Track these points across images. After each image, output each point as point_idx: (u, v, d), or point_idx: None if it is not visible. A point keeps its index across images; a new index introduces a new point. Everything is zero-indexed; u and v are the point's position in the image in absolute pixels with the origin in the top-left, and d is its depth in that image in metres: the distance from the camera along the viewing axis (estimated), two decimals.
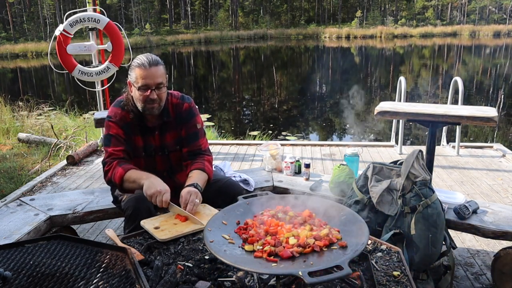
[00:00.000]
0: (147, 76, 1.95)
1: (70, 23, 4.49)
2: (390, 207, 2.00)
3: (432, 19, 49.34)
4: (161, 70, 1.99)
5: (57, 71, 4.95)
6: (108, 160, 2.02)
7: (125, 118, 2.07)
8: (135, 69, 1.97)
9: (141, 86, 1.96)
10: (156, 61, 1.98)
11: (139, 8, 53.78)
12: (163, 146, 2.14)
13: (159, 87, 1.98)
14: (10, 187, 4.11)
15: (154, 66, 1.96)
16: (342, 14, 56.88)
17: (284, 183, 2.68)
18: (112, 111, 2.10)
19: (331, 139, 8.13)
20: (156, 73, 1.96)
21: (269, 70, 22.07)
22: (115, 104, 2.13)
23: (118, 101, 2.13)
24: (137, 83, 1.97)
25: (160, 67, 1.98)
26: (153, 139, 2.12)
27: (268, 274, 1.36)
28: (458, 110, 2.74)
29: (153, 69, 1.95)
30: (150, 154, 2.14)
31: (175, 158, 2.19)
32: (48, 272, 1.16)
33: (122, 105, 2.09)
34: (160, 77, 1.97)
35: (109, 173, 2.00)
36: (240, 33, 49.93)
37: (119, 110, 2.08)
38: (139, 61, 1.97)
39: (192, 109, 2.19)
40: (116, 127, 2.06)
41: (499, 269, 2.22)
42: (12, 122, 7.12)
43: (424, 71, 18.81)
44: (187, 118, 2.16)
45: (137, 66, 1.97)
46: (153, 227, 1.71)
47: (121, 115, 2.07)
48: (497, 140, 7.12)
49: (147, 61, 1.95)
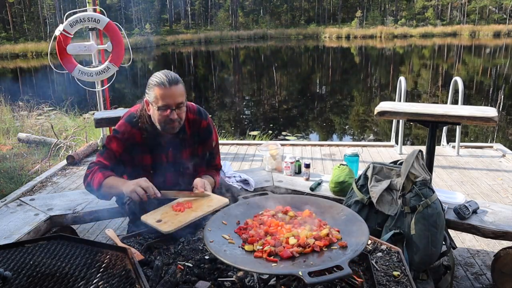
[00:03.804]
0: (168, 96, 1.85)
1: (70, 23, 4.49)
2: (390, 207, 2.00)
3: (432, 19, 49.32)
4: (181, 88, 1.90)
5: (57, 71, 4.95)
6: (91, 165, 1.99)
7: (134, 137, 1.98)
8: (154, 88, 1.87)
9: (161, 106, 1.86)
10: (176, 79, 1.88)
11: (139, 8, 53.74)
12: (177, 163, 2.05)
13: (179, 107, 1.89)
14: (10, 187, 4.11)
15: (174, 85, 1.86)
16: (342, 14, 56.86)
17: (284, 183, 2.68)
18: (122, 126, 2.00)
19: (331, 139, 8.13)
20: (176, 92, 1.86)
21: (269, 70, 22.07)
22: (127, 119, 2.01)
23: (131, 116, 2.01)
24: (157, 103, 1.87)
25: (180, 85, 1.89)
26: (165, 156, 2.04)
27: (268, 274, 1.36)
28: (458, 110, 2.74)
29: (174, 88, 1.86)
30: (160, 171, 2.03)
31: (188, 174, 2.09)
32: (48, 272, 1.16)
33: (134, 122, 1.98)
34: (180, 96, 1.88)
35: (89, 177, 1.95)
36: (240, 33, 49.92)
37: (129, 128, 1.98)
38: (158, 79, 1.86)
39: (209, 127, 2.11)
40: (119, 145, 1.98)
41: (499, 269, 2.22)
42: (12, 122, 7.12)
43: (424, 71, 18.81)
44: (205, 137, 2.10)
45: (156, 85, 1.86)
46: (155, 221, 1.66)
47: (130, 133, 1.98)
48: (497, 140, 7.12)
49: (167, 79, 1.85)
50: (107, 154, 1.99)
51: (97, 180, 1.91)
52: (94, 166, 1.97)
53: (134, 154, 2.00)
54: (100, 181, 1.91)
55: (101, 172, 1.93)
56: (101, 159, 1.99)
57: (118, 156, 1.99)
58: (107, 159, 1.99)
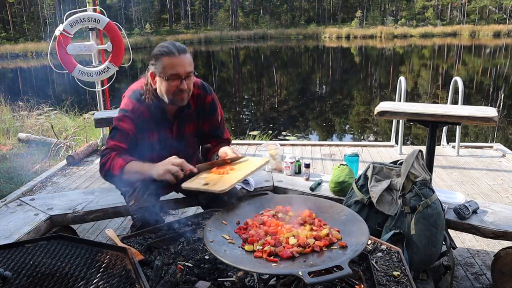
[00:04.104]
0: (177, 65, 1.77)
1: (70, 23, 4.49)
2: (390, 207, 2.00)
3: (432, 19, 49.32)
4: (190, 58, 1.82)
5: (57, 71, 4.95)
6: (107, 152, 1.84)
7: (143, 114, 1.87)
8: (161, 58, 1.77)
9: (170, 76, 1.78)
10: (184, 48, 1.80)
11: (139, 8, 53.77)
12: (180, 138, 1.99)
13: (188, 76, 1.82)
14: (10, 187, 4.11)
15: (183, 53, 1.78)
16: (342, 14, 56.87)
17: (284, 183, 2.68)
18: (129, 104, 1.88)
19: (331, 139, 8.13)
20: (185, 61, 1.79)
21: (269, 70, 22.07)
22: (132, 96, 1.90)
23: (135, 93, 1.91)
24: (165, 73, 1.78)
25: (188, 55, 1.81)
26: (170, 131, 1.96)
27: (268, 274, 1.36)
28: (458, 110, 2.74)
29: (183, 57, 1.78)
30: (165, 147, 1.94)
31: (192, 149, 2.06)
32: (48, 272, 1.16)
33: (142, 99, 1.87)
34: (189, 65, 1.81)
35: (107, 164, 1.80)
36: (240, 33, 49.93)
37: (137, 105, 1.87)
38: (165, 49, 1.77)
39: (214, 102, 2.04)
40: (129, 123, 1.85)
41: (499, 269, 2.22)
42: (12, 122, 7.12)
43: (424, 71, 18.81)
44: (210, 112, 2.03)
45: (163, 54, 1.77)
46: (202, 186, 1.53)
47: (139, 110, 1.87)
48: (497, 140, 7.12)
49: (175, 48, 1.77)
50: (120, 136, 1.85)
51: (117, 166, 1.78)
52: (110, 152, 1.82)
53: (143, 132, 1.89)
54: (122, 166, 1.77)
55: (121, 158, 1.79)
56: (116, 142, 1.85)
57: (132, 135, 1.86)
58: (122, 141, 1.85)
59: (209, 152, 2.16)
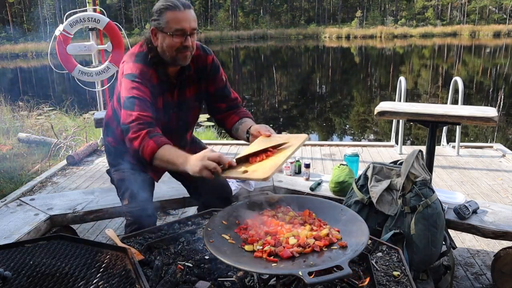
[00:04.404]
0: (182, 20, 1.67)
1: (70, 23, 4.49)
2: (390, 207, 2.00)
3: (432, 19, 49.33)
4: (194, 14, 1.73)
5: (57, 71, 4.95)
6: (135, 125, 1.60)
7: (152, 78, 1.74)
8: (165, 12, 1.67)
9: (175, 32, 1.67)
10: (189, 4, 1.71)
11: (139, 8, 53.77)
12: (181, 102, 1.87)
13: (193, 33, 1.72)
14: (10, 187, 4.11)
15: (188, 8, 1.69)
16: (342, 14, 56.88)
17: (284, 183, 2.68)
18: (136, 68, 1.72)
19: (331, 139, 8.13)
20: (190, 16, 1.70)
21: (269, 70, 22.08)
22: (137, 59, 1.74)
23: (138, 56, 1.76)
24: (170, 28, 1.67)
25: (192, 10, 1.72)
26: (171, 95, 1.84)
27: (268, 274, 1.36)
28: (458, 110, 2.74)
29: (188, 12, 1.69)
30: (167, 112, 1.84)
31: (191, 115, 1.94)
32: (48, 272, 1.16)
33: (149, 62, 1.73)
34: (194, 21, 1.71)
35: (136, 143, 1.60)
36: (240, 33, 49.93)
37: (145, 68, 1.72)
38: (170, 3, 1.67)
39: (215, 62, 1.94)
40: (143, 88, 1.68)
41: (499, 269, 2.22)
42: (12, 122, 7.12)
43: (424, 71, 18.81)
44: (213, 73, 1.93)
45: (168, 9, 1.67)
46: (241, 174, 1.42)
47: (148, 74, 1.72)
48: (497, 140, 7.12)
49: (179, 3, 1.67)
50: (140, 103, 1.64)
51: (149, 150, 1.57)
52: (140, 129, 1.59)
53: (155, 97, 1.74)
54: (154, 151, 1.57)
55: (152, 140, 1.57)
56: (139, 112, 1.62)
57: (150, 101, 1.68)
58: (144, 109, 1.63)
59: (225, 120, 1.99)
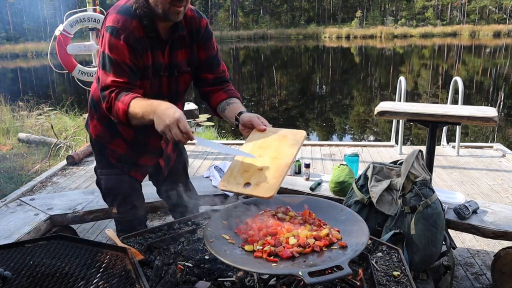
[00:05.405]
0: None
1: (70, 23, 4.50)
2: (390, 207, 2.00)
3: (432, 19, 49.33)
4: None
5: (57, 71, 4.95)
6: (107, 94, 1.55)
7: (136, 31, 1.57)
8: None
9: None
10: None
11: None
12: (171, 65, 1.73)
13: None
14: (10, 187, 4.11)
15: None
16: (342, 14, 56.88)
17: (284, 183, 2.66)
18: (118, 20, 1.55)
19: (331, 139, 8.13)
20: None
21: (269, 70, 22.08)
22: (121, 11, 1.58)
23: (123, 7, 1.59)
24: None
25: None
26: (162, 55, 1.68)
27: (268, 274, 1.36)
28: (458, 110, 2.74)
29: None
30: (157, 74, 1.70)
31: (182, 82, 1.80)
32: (48, 272, 1.16)
33: (132, 13, 1.57)
34: None
35: (112, 111, 1.56)
36: (240, 33, 49.94)
37: (129, 20, 1.56)
38: None
39: (210, 28, 1.81)
40: (123, 46, 1.54)
41: (499, 269, 2.22)
42: (12, 122, 7.12)
43: (424, 71, 18.81)
44: (206, 38, 1.78)
45: None
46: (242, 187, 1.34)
47: (132, 27, 1.56)
48: (497, 140, 7.12)
49: None
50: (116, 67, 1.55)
51: (121, 112, 1.52)
52: (110, 95, 1.54)
53: (140, 53, 1.60)
54: (125, 112, 1.50)
55: (119, 101, 1.51)
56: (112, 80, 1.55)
57: (129, 63, 1.56)
58: (119, 74, 1.55)
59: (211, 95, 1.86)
